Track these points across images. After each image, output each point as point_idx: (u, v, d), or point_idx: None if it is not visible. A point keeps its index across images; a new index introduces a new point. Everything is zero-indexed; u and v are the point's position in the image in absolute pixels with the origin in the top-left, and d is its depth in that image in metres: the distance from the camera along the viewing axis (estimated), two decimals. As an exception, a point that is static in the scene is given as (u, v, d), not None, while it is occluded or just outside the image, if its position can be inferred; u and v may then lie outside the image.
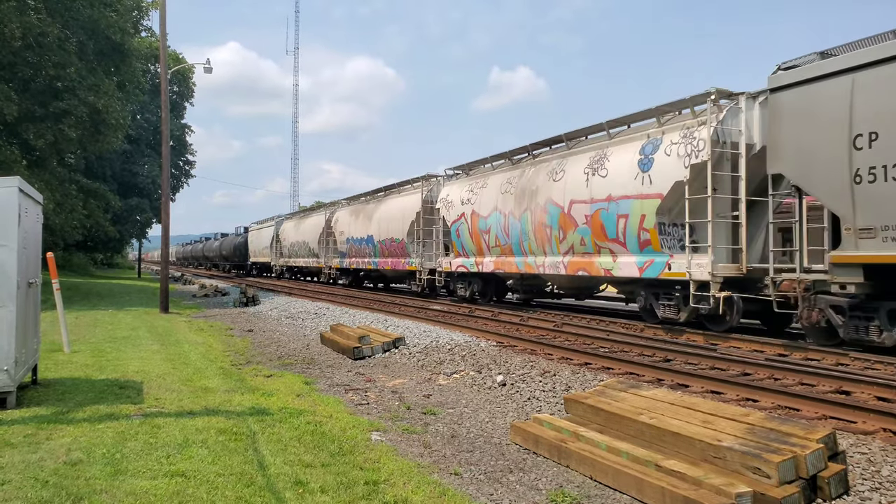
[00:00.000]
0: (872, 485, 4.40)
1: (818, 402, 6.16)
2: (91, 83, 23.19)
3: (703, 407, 5.19)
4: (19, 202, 6.19)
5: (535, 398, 7.35)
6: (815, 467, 4.11)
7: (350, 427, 5.99)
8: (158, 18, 19.89)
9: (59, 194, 25.34)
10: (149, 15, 28.14)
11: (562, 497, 4.43)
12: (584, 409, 5.68)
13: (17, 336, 6.14)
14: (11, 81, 21.86)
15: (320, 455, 5.06)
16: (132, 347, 10.70)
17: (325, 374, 9.20)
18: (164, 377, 8.04)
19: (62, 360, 8.86)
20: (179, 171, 47.87)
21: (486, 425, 6.39)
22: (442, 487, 4.49)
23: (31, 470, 4.43)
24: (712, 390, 7.09)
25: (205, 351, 10.81)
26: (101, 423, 5.70)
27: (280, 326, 15.16)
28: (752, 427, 4.56)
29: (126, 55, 25.49)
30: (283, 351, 11.41)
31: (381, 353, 10.58)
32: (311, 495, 4.19)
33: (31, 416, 5.87)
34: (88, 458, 4.73)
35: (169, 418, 5.94)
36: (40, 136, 22.50)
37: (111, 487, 4.17)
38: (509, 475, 4.91)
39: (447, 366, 9.36)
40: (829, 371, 7.45)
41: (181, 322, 15.91)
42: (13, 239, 6.11)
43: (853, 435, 5.33)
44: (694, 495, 3.92)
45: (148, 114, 42.90)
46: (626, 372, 8.21)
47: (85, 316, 15.91)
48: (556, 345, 10.02)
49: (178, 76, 42.91)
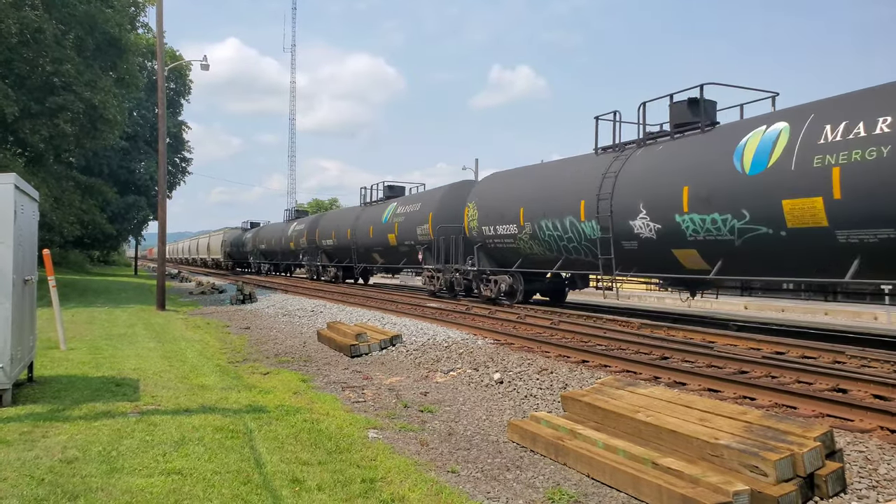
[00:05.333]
0: (870, 483, 4.41)
1: (815, 400, 6.17)
2: (88, 79, 23.11)
3: (701, 405, 5.19)
4: (15, 199, 6.16)
5: (532, 396, 7.35)
6: (812, 465, 4.11)
7: (347, 425, 5.98)
8: (155, 14, 19.74)
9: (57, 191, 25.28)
10: (145, 11, 28.02)
11: (559, 495, 4.43)
12: (581, 407, 5.68)
13: (12, 333, 6.11)
14: (8, 78, 21.77)
15: (317, 453, 5.05)
16: (128, 345, 10.67)
17: (322, 371, 9.19)
18: (161, 375, 8.02)
19: (58, 358, 8.83)
20: (176, 168, 47.76)
21: (484, 423, 6.39)
22: (439, 485, 4.48)
23: (27, 468, 4.42)
24: (709, 388, 7.09)
25: (201, 348, 10.79)
26: (98, 420, 5.68)
27: (277, 324, 15.14)
28: (750, 425, 4.56)
29: (123, 51, 25.39)
30: (279, 348, 11.40)
31: (378, 350, 10.57)
32: (307, 493, 4.18)
33: (26, 414, 5.85)
34: (84, 455, 4.71)
35: (165, 416, 5.93)
36: (36, 132, 22.42)
37: (107, 485, 4.15)
38: (506, 473, 4.91)
39: (444, 363, 9.36)
40: (827, 369, 7.45)
41: (178, 319, 15.88)
42: (9, 236, 6.08)
43: (850, 433, 5.33)
44: (691, 493, 3.92)
45: (145, 111, 42.76)
46: (623, 370, 8.21)
47: (81, 313, 15.87)
48: (553, 342, 10.01)
49: (175, 73, 42.80)
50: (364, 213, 26.39)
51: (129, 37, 25.98)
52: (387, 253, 24.10)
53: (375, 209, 25.46)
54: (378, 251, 24.68)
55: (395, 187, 26.31)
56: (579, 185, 14.11)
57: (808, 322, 15.34)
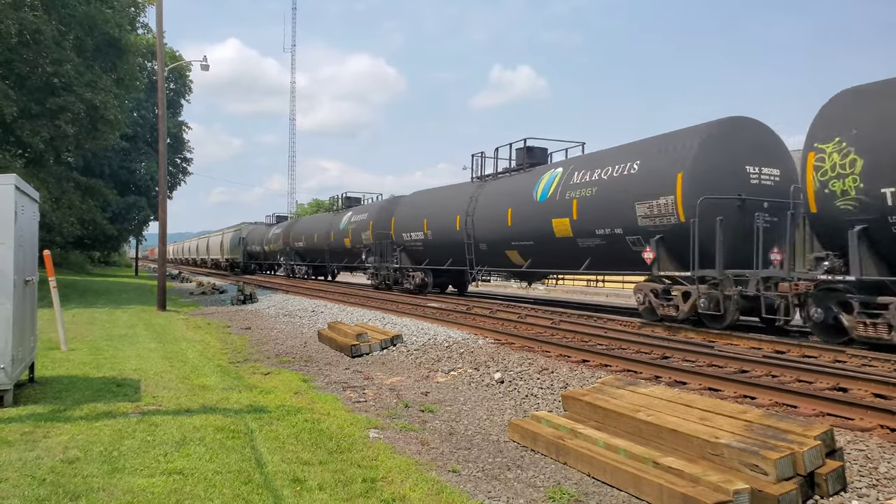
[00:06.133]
0: (870, 481, 4.41)
1: (816, 399, 6.17)
2: (88, 80, 23.09)
3: (701, 404, 5.19)
4: (16, 200, 6.16)
5: (532, 395, 7.35)
6: (812, 464, 4.12)
7: (348, 424, 5.99)
8: (155, 15, 19.73)
9: (57, 191, 25.26)
10: (145, 11, 28.01)
11: (560, 494, 4.43)
12: (581, 407, 5.68)
13: (13, 334, 6.12)
14: (8, 78, 21.77)
15: (318, 452, 5.06)
16: (129, 345, 10.68)
17: (323, 371, 9.19)
18: (162, 375, 8.02)
19: (59, 358, 8.83)
20: (177, 168, 47.73)
21: (484, 423, 6.39)
22: (440, 485, 4.48)
23: (29, 468, 4.42)
24: (710, 387, 7.09)
25: (202, 349, 10.79)
26: (99, 421, 5.69)
27: (278, 324, 15.14)
28: (750, 424, 4.57)
29: (123, 51, 25.39)
30: (280, 349, 11.40)
31: (378, 350, 10.58)
32: (308, 493, 4.19)
33: (28, 414, 5.85)
34: (86, 455, 4.72)
35: (166, 416, 5.93)
36: (36, 132, 22.42)
37: (108, 485, 4.16)
38: (507, 472, 4.91)
39: (445, 363, 9.36)
40: (827, 368, 7.46)
41: (179, 320, 15.89)
42: (9, 236, 6.08)
43: (851, 432, 5.34)
44: (692, 492, 3.92)
45: (145, 111, 42.75)
46: (623, 369, 8.21)
47: (82, 314, 15.87)
48: (553, 342, 10.02)
49: (175, 73, 42.78)
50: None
51: (128, 37, 25.98)
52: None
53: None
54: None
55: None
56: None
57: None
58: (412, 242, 22.09)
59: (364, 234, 25.86)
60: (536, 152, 17.93)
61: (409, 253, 22.62)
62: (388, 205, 25.24)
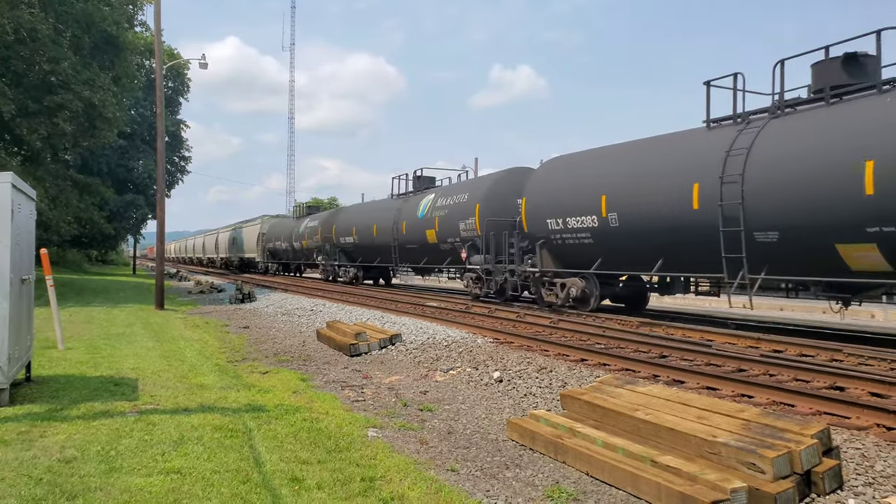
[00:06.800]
0: (866, 480, 4.42)
1: (813, 398, 6.18)
2: (86, 77, 23.04)
3: (699, 403, 5.20)
4: (12, 198, 6.15)
5: (531, 394, 7.35)
6: (809, 462, 4.13)
7: (346, 424, 5.98)
8: (153, 13, 19.69)
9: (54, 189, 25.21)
10: (143, 9, 27.95)
11: (558, 493, 4.43)
12: (580, 406, 5.68)
13: (10, 333, 6.10)
14: (4, 76, 21.71)
15: (316, 452, 5.06)
16: (127, 344, 10.66)
17: (322, 370, 9.19)
18: (160, 374, 8.01)
19: (56, 357, 8.82)
20: (175, 166, 47.63)
21: (483, 422, 6.39)
22: (438, 484, 4.49)
23: (25, 467, 4.41)
24: (708, 386, 7.10)
25: (200, 348, 10.78)
26: (96, 420, 5.68)
27: (276, 323, 15.13)
28: (747, 423, 4.58)
29: (121, 49, 25.33)
30: (279, 348, 11.40)
31: (377, 349, 10.57)
32: (307, 492, 4.19)
33: (24, 414, 5.84)
34: (83, 455, 4.71)
35: (164, 415, 5.92)
36: (34, 130, 22.37)
37: (106, 485, 4.15)
38: (506, 471, 4.92)
39: (444, 362, 9.36)
40: (824, 367, 7.47)
41: (177, 319, 15.87)
42: (6, 235, 6.07)
43: (847, 430, 5.35)
44: (689, 491, 3.93)
45: (143, 109, 42.66)
46: (622, 368, 8.22)
47: (79, 312, 15.85)
48: (552, 341, 10.03)
49: (173, 72, 42.68)
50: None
51: (126, 35, 25.92)
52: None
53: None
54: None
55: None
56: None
57: (805, 320, 15.37)
58: (568, 234, 16.50)
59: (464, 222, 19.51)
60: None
61: (554, 250, 15.84)
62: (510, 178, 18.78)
